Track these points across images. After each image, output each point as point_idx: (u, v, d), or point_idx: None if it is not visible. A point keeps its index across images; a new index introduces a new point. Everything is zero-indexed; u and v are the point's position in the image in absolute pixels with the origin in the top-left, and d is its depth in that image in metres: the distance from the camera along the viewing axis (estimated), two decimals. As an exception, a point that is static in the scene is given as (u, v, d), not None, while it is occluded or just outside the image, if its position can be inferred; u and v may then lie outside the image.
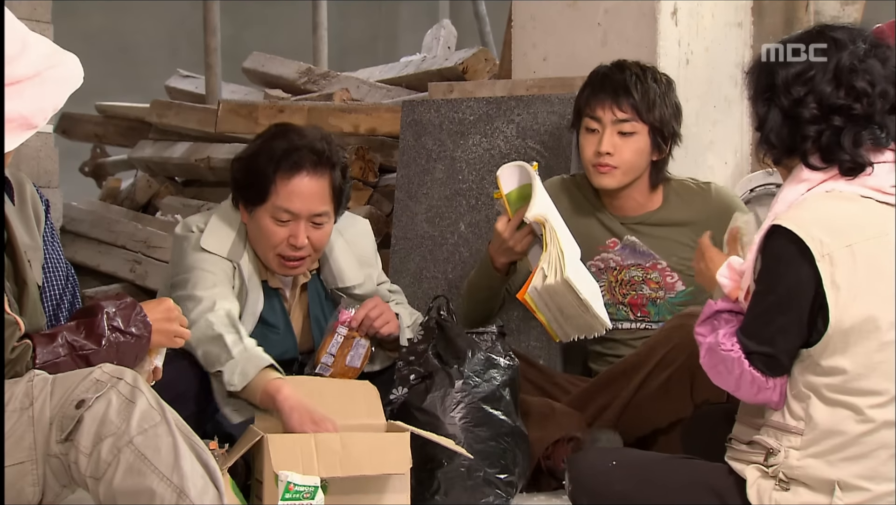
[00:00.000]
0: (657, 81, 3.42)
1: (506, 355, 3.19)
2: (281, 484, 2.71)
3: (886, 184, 2.49)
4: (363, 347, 3.38)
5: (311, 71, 6.11)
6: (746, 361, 2.43)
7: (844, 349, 2.40)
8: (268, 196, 3.25)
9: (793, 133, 2.51)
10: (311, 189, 3.26)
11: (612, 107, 3.40)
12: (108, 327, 2.49)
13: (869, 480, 2.40)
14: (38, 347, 2.43)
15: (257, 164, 3.28)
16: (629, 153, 3.39)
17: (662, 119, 3.40)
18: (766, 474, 2.46)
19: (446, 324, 3.18)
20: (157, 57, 9.71)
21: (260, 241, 3.30)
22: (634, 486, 2.60)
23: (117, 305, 2.54)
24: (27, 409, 2.32)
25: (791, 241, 2.42)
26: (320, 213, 3.28)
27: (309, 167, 3.26)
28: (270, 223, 3.27)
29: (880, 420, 2.40)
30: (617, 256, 3.48)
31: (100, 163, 7.05)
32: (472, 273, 3.54)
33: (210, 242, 3.30)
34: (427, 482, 3.07)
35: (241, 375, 3.01)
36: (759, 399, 2.46)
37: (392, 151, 4.82)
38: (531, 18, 4.21)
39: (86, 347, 2.46)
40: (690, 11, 4.03)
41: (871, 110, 2.48)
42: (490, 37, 7.19)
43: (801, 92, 2.49)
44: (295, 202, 3.25)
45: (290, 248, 3.27)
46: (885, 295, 2.42)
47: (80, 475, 2.29)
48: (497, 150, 4.08)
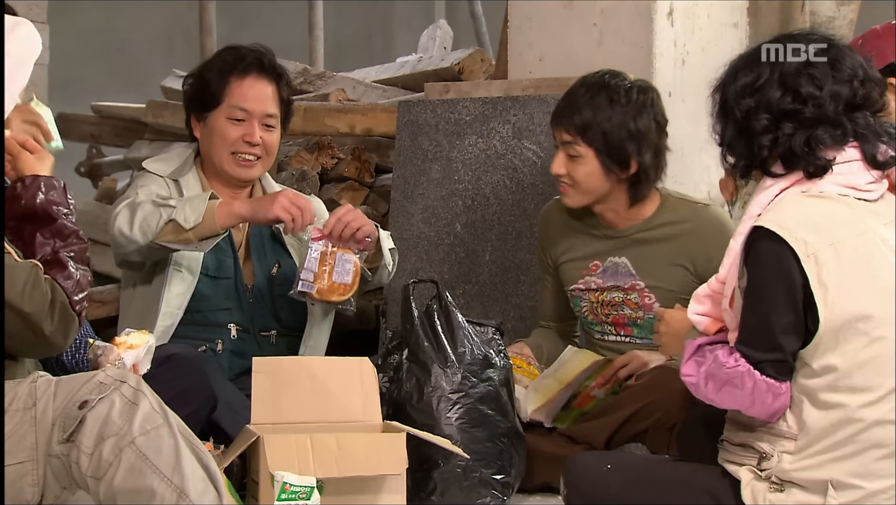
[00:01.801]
0: (613, 102, 3.32)
1: (502, 354, 3.19)
2: (277, 484, 2.71)
3: (861, 182, 2.50)
4: (349, 263, 3.41)
5: (307, 71, 6.10)
6: (756, 371, 2.42)
7: (835, 347, 2.41)
8: (223, 98, 3.51)
9: (749, 145, 2.52)
10: (262, 91, 3.53)
11: (558, 128, 3.38)
12: (50, 205, 2.53)
13: (862, 478, 2.41)
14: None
15: (210, 72, 3.55)
16: (579, 175, 3.37)
17: (609, 142, 3.31)
18: (759, 477, 2.46)
19: (453, 311, 3.17)
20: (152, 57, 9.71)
21: (215, 145, 3.53)
22: (629, 488, 2.60)
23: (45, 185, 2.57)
24: (30, 409, 2.33)
25: (775, 243, 2.42)
26: (271, 114, 3.54)
27: (259, 71, 3.54)
28: (226, 123, 3.51)
29: (871, 418, 2.40)
30: (598, 279, 3.49)
31: (95, 163, 7.05)
32: None
33: (153, 165, 3.59)
34: (423, 483, 3.07)
35: (192, 208, 3.29)
36: (776, 407, 2.44)
37: (388, 152, 4.82)
38: (527, 18, 4.21)
39: (60, 237, 2.52)
40: (686, 12, 4.04)
41: (820, 112, 2.48)
42: (486, 37, 7.20)
43: (750, 103, 2.51)
44: (249, 101, 3.51)
45: (245, 145, 3.51)
46: (872, 291, 2.42)
47: (80, 475, 2.29)
48: (493, 150, 4.08)
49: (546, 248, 3.61)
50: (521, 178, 4.02)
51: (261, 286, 3.56)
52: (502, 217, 4.06)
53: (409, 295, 3.21)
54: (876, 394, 2.41)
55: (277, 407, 2.92)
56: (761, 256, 2.44)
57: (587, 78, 3.40)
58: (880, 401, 2.41)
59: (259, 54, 3.56)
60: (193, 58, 6.78)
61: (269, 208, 3.35)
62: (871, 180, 2.51)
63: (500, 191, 4.06)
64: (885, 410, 2.41)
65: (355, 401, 3.00)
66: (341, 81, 5.78)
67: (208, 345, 3.47)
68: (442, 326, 3.16)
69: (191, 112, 3.59)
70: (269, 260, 3.60)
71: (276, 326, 3.56)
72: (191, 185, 3.54)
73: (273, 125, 3.55)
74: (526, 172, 4.02)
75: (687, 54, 4.04)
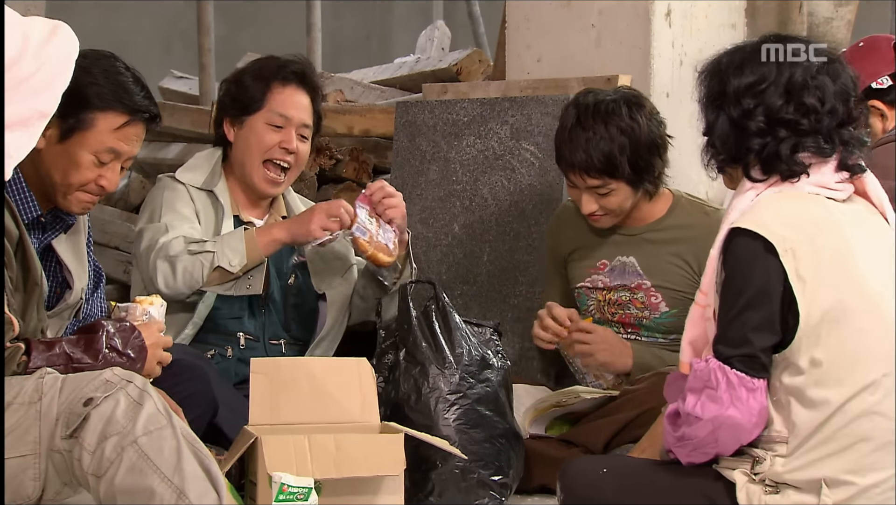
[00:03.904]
0: (622, 128, 3.33)
1: (500, 355, 3.19)
2: (275, 485, 2.71)
3: (830, 180, 2.52)
4: (390, 232, 3.49)
5: (304, 72, 6.10)
6: (726, 365, 2.42)
7: (817, 342, 2.42)
8: (263, 103, 3.51)
9: (738, 143, 2.53)
10: (302, 101, 3.55)
11: (581, 175, 3.37)
12: (107, 346, 2.57)
13: (854, 474, 2.41)
14: (35, 351, 2.48)
15: (253, 76, 3.55)
16: (613, 204, 3.40)
17: (636, 167, 3.35)
18: (753, 480, 2.47)
19: (450, 311, 3.17)
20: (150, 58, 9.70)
21: (251, 150, 3.52)
22: (625, 492, 2.60)
23: (117, 327, 2.61)
24: (35, 403, 2.34)
25: (753, 240, 2.43)
26: (307, 125, 3.56)
27: (301, 81, 3.57)
28: (265, 128, 3.51)
29: (856, 411, 2.41)
30: (605, 278, 3.51)
31: (93, 164, 7.04)
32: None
33: (185, 175, 3.55)
34: (421, 484, 3.07)
35: (233, 250, 3.29)
36: (753, 406, 2.42)
37: (386, 153, 4.82)
38: (525, 19, 4.21)
39: (82, 361, 2.52)
40: (684, 12, 4.04)
41: (817, 126, 2.50)
42: (484, 38, 7.20)
43: (751, 104, 2.52)
44: (290, 108, 3.52)
45: (281, 152, 3.51)
46: (849, 283, 2.43)
47: (82, 472, 2.30)
48: (491, 151, 4.08)
49: (557, 248, 3.62)
50: (519, 178, 4.02)
51: (275, 297, 3.56)
52: (500, 218, 4.06)
53: (406, 295, 3.21)
54: (858, 385, 2.41)
55: (275, 408, 2.92)
56: (738, 254, 2.45)
57: (578, 114, 3.37)
58: (863, 392, 2.41)
59: (301, 66, 3.59)
60: (191, 58, 6.78)
61: (308, 229, 3.36)
62: (839, 180, 2.54)
63: (498, 192, 4.06)
64: (869, 402, 2.41)
65: (353, 402, 3.00)
66: (339, 82, 5.78)
67: (218, 350, 3.47)
68: (440, 326, 3.16)
69: (224, 115, 3.57)
70: (286, 271, 3.60)
71: (285, 335, 3.56)
72: (224, 196, 3.53)
73: (307, 136, 3.57)
74: (524, 173, 4.02)
75: (685, 55, 4.04)
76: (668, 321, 3.43)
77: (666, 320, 3.44)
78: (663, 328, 3.44)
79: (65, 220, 2.99)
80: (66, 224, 3.00)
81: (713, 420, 2.44)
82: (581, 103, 3.39)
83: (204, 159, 3.61)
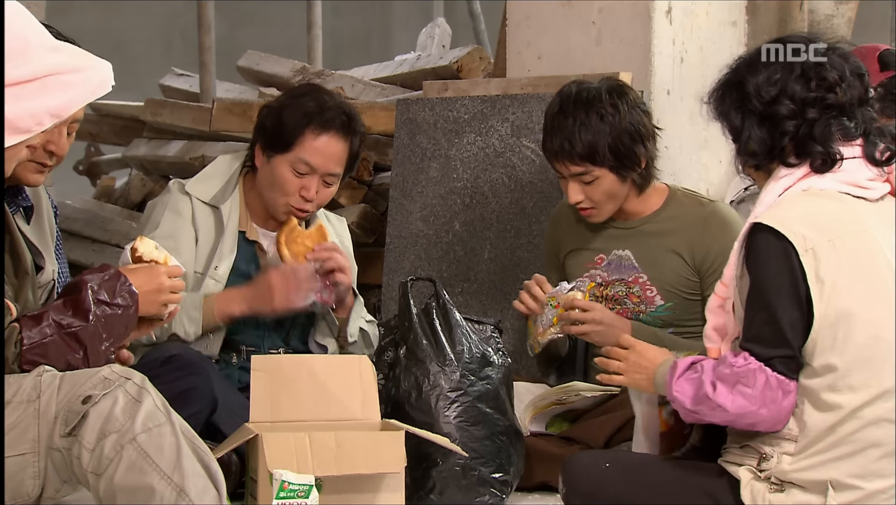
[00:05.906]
0: (603, 116, 3.33)
1: (500, 352, 3.19)
2: (275, 483, 2.71)
3: (861, 178, 2.51)
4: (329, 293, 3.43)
5: (305, 69, 6.09)
6: (768, 367, 2.41)
7: (833, 345, 2.41)
8: (292, 146, 3.40)
9: (772, 133, 2.53)
10: (334, 149, 3.43)
11: (562, 163, 3.38)
12: (94, 301, 2.48)
13: (861, 479, 2.41)
14: (25, 329, 2.42)
15: (290, 114, 3.43)
16: (599, 195, 3.39)
17: (618, 154, 3.34)
18: (758, 477, 2.46)
19: (451, 309, 3.17)
20: (151, 55, 9.71)
21: (272, 188, 3.44)
22: (627, 487, 2.60)
23: (101, 278, 2.52)
24: (34, 401, 2.33)
25: (774, 237, 2.43)
26: (334, 173, 3.45)
27: (338, 128, 3.43)
28: (288, 172, 3.41)
29: (870, 417, 2.41)
30: (603, 272, 3.51)
31: (94, 161, 7.04)
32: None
33: (195, 187, 3.49)
34: (422, 481, 3.07)
35: (189, 319, 3.26)
36: (785, 406, 2.42)
37: (386, 150, 4.82)
38: (525, 17, 4.21)
39: (73, 325, 2.46)
40: (685, 10, 4.04)
41: (844, 99, 2.51)
42: (484, 35, 7.18)
43: (772, 92, 2.52)
44: (317, 158, 3.41)
45: (300, 200, 3.43)
46: (868, 289, 2.43)
47: (81, 470, 2.29)
48: (492, 148, 4.08)
49: (555, 245, 3.62)
50: (520, 176, 4.02)
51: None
52: (501, 215, 4.06)
53: (406, 292, 3.21)
54: (873, 393, 2.41)
55: (276, 405, 2.92)
56: (762, 251, 2.44)
57: (561, 102, 3.38)
58: (878, 399, 2.41)
59: (343, 112, 3.45)
60: (192, 56, 6.77)
61: (270, 304, 3.34)
62: (871, 177, 2.52)
63: (499, 189, 4.06)
64: (883, 410, 2.41)
65: (354, 399, 3.00)
66: (340, 80, 5.78)
67: (223, 355, 3.47)
68: (440, 324, 3.16)
69: (257, 140, 3.49)
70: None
71: (284, 347, 3.55)
72: (231, 217, 3.47)
73: (332, 182, 3.46)
74: (524, 171, 4.02)
75: (685, 52, 4.04)
76: (665, 315, 3.43)
77: (662, 314, 3.44)
78: (659, 322, 3.44)
79: (18, 202, 2.94)
80: (21, 205, 2.95)
81: (740, 415, 2.44)
82: (564, 93, 3.41)
83: (223, 167, 3.56)
